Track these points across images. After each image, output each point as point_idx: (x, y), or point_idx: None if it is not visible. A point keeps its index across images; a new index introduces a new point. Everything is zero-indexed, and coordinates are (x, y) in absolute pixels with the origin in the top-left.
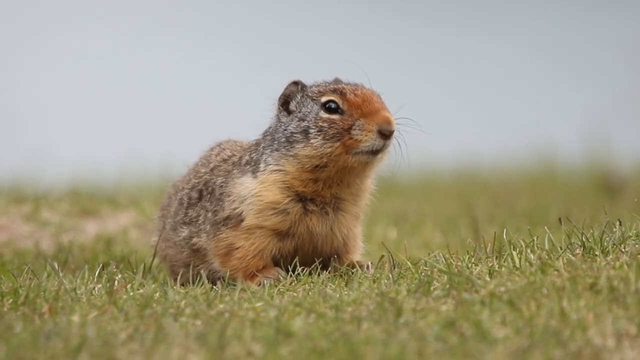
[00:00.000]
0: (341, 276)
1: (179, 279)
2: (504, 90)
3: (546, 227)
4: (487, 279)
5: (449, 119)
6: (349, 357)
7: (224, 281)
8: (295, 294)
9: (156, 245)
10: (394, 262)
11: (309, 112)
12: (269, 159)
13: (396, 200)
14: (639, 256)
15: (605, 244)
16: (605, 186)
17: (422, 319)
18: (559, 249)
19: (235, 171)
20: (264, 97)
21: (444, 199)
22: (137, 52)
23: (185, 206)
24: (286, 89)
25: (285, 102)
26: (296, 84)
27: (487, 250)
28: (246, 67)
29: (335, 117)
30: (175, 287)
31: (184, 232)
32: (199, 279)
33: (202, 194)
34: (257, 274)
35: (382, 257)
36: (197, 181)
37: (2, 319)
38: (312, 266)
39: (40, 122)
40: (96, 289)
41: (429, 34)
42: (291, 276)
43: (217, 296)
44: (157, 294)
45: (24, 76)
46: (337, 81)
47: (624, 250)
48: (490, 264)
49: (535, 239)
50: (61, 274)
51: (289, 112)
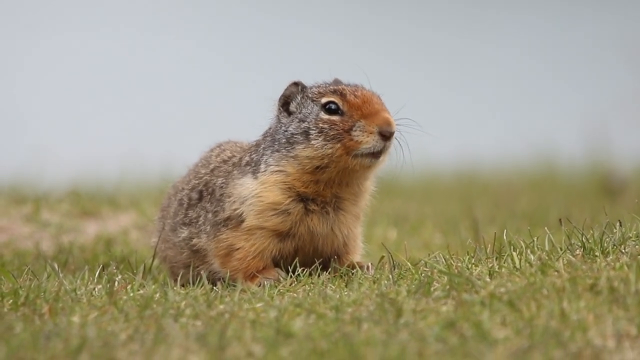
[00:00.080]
0: (341, 277)
1: (179, 279)
2: (504, 90)
3: (546, 228)
4: (487, 280)
5: (449, 120)
6: (349, 357)
7: (224, 282)
8: (295, 295)
9: (156, 246)
10: (394, 263)
11: (309, 113)
12: (270, 159)
13: (396, 201)
14: (639, 257)
15: (605, 244)
16: (605, 187)
17: (422, 319)
18: (559, 250)
19: (235, 172)
20: (264, 97)
21: (444, 199)
22: (137, 52)
23: (185, 207)
24: (286, 89)
25: (285, 103)
26: (296, 84)
27: (487, 251)
28: (246, 68)
29: (335, 118)
30: (175, 288)
31: (184, 233)
32: (199, 279)
33: (202, 194)
34: (258, 275)
35: (382, 257)
36: (197, 182)
37: (3, 319)
38: (312, 267)
39: (40, 122)
40: (96, 289)
41: (429, 34)
42: (291, 277)
43: (217, 297)
44: (157, 295)
45: (24, 76)
46: (337, 82)
47: (624, 251)
48: (490, 265)
49: (535, 239)
50: (61, 275)
51: (289, 113)
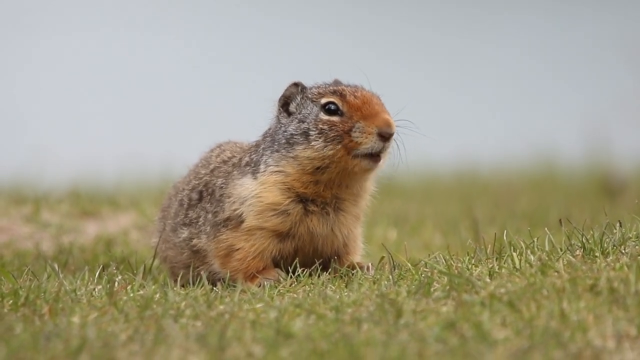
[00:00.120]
0: (341, 277)
1: (179, 280)
2: (504, 90)
3: (546, 229)
4: (487, 280)
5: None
6: (349, 358)
7: (224, 282)
8: (295, 295)
9: (156, 246)
10: (394, 264)
11: (308, 114)
12: (269, 160)
13: (396, 201)
14: (639, 257)
15: (605, 245)
16: (605, 187)
17: (422, 320)
18: (559, 250)
19: (235, 172)
20: (264, 98)
21: (444, 200)
22: (137, 52)
23: (185, 207)
24: (286, 90)
25: (285, 104)
26: (296, 85)
27: (487, 251)
28: (246, 68)
29: (335, 119)
30: (175, 289)
31: (184, 233)
32: (199, 280)
33: (202, 195)
34: (258, 275)
35: (382, 258)
36: (197, 182)
37: (3, 320)
38: (312, 267)
39: (40, 122)
40: (96, 290)
41: (429, 34)
42: (291, 277)
43: (217, 297)
44: (158, 295)
45: (24, 76)
46: (336, 83)
47: (624, 251)
48: (490, 265)
49: (535, 240)
50: (61, 275)
51: (289, 114)
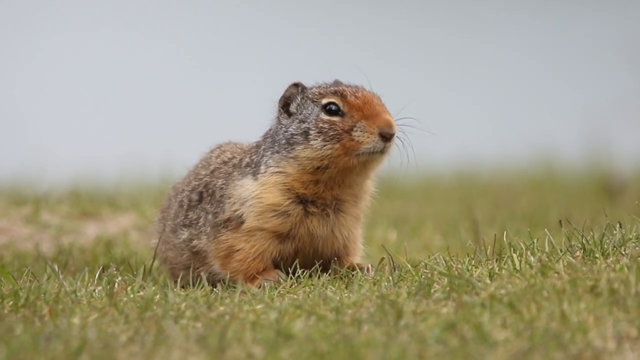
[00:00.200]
0: (341, 279)
1: (179, 281)
2: (504, 90)
3: (546, 230)
4: (488, 282)
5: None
6: (349, 359)
7: (224, 283)
8: (295, 297)
9: (156, 247)
10: (394, 265)
11: (309, 114)
12: (270, 161)
13: (396, 202)
14: (639, 259)
15: (605, 246)
16: (605, 188)
17: (422, 321)
18: (559, 252)
19: (235, 173)
20: (264, 98)
21: (444, 201)
22: (137, 52)
23: (185, 208)
24: (286, 90)
25: (285, 104)
26: (296, 85)
27: (488, 252)
28: (246, 68)
29: (335, 119)
30: (175, 290)
31: (184, 234)
32: (199, 281)
33: (203, 196)
34: (258, 277)
35: (383, 259)
36: (197, 183)
37: (3, 321)
38: (313, 268)
39: (40, 122)
40: (96, 291)
41: (429, 34)
42: (291, 278)
43: (218, 298)
44: (158, 297)
45: (24, 76)
46: (337, 83)
47: (624, 252)
48: (490, 267)
49: (535, 241)
50: (61, 276)
51: (290, 114)
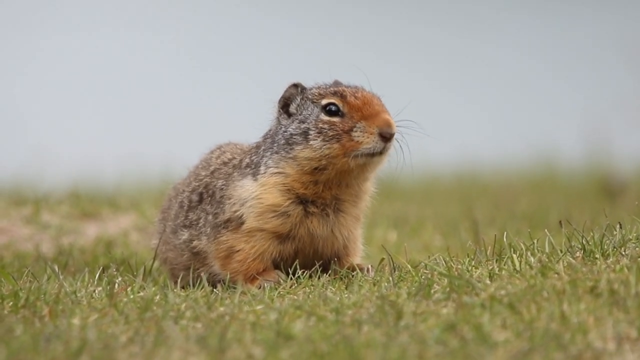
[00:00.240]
0: (341, 279)
1: (179, 281)
2: (504, 91)
3: (546, 230)
4: (488, 282)
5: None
6: None
7: (225, 284)
8: (295, 297)
9: (156, 248)
10: (394, 265)
11: (309, 115)
12: (269, 161)
13: (396, 202)
14: (639, 259)
15: (605, 247)
16: (605, 189)
17: (422, 322)
18: (559, 252)
19: (235, 174)
20: (264, 99)
21: (444, 201)
22: (137, 52)
23: (185, 209)
24: (286, 91)
25: (285, 105)
26: (296, 86)
27: (488, 253)
28: (246, 68)
29: (335, 119)
30: (175, 290)
31: (184, 235)
32: (199, 281)
33: (203, 196)
34: (258, 277)
35: (382, 260)
36: (197, 184)
37: (3, 321)
38: (313, 269)
39: (40, 122)
40: (96, 291)
41: (429, 34)
42: (291, 279)
43: (218, 299)
44: (158, 297)
45: (24, 76)
46: (337, 83)
47: (624, 253)
48: (490, 267)
49: (535, 241)
50: (61, 277)
51: (289, 115)
